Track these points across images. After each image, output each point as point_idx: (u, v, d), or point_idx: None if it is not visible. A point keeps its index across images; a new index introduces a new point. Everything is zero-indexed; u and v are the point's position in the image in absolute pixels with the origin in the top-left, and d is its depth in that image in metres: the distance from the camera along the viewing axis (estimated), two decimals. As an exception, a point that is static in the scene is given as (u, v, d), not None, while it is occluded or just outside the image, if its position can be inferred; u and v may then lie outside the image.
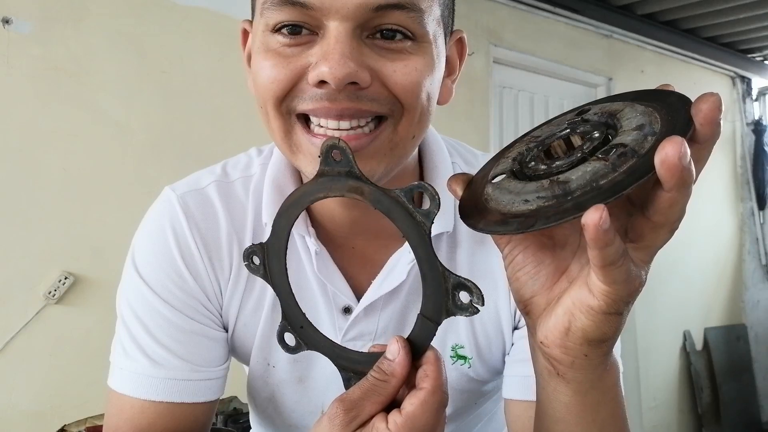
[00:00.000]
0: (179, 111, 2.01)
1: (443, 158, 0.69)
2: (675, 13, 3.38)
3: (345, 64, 0.50)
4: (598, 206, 0.33)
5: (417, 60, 0.54)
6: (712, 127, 0.34)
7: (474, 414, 0.76)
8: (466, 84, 2.78)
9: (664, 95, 0.39)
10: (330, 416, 0.43)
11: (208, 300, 0.67)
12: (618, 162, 0.35)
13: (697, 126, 0.34)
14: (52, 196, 1.81)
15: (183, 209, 0.66)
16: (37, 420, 1.75)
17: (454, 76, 0.66)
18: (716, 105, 0.34)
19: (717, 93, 0.35)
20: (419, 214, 0.40)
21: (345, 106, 0.52)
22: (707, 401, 3.76)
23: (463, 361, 0.69)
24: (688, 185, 0.34)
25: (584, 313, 0.39)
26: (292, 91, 0.54)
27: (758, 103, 4.32)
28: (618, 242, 0.35)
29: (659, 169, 0.33)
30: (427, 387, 0.42)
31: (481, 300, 0.39)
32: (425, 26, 0.54)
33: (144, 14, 1.97)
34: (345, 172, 0.42)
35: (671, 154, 0.32)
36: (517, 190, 0.39)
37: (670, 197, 0.35)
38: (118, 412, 0.65)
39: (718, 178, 4.08)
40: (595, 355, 0.42)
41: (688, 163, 0.33)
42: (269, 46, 0.55)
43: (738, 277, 4.17)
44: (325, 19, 0.51)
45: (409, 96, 0.54)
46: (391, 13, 0.52)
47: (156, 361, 0.64)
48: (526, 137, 0.46)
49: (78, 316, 1.83)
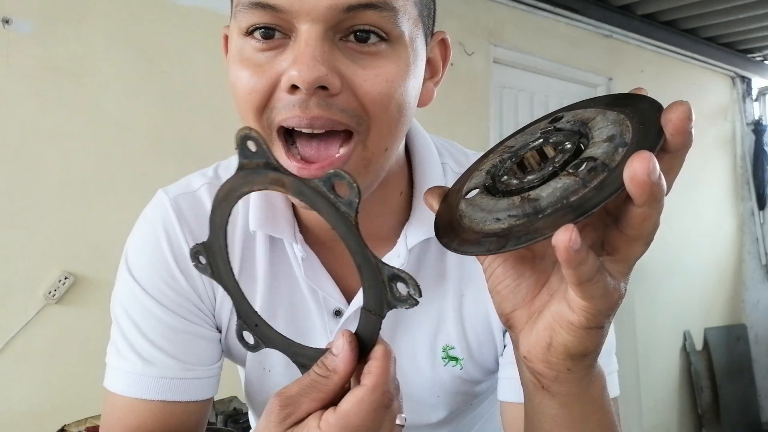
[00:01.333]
0: (179, 111, 2.01)
1: (432, 160, 0.68)
2: (675, 13, 3.38)
3: (315, 67, 0.49)
4: (567, 226, 0.32)
5: (390, 67, 0.53)
6: (683, 137, 0.34)
7: (470, 415, 0.76)
8: (466, 84, 2.78)
9: (636, 100, 0.38)
10: (266, 412, 0.42)
11: (200, 301, 0.67)
12: (588, 177, 0.35)
13: (668, 136, 0.34)
14: (52, 196, 1.81)
15: (175, 211, 0.67)
16: (36, 420, 1.75)
17: (437, 78, 0.64)
18: (686, 114, 0.33)
19: (686, 102, 0.34)
20: (342, 204, 0.38)
21: (315, 115, 0.51)
22: (707, 401, 3.76)
23: (454, 362, 0.68)
24: (658, 200, 0.33)
25: (564, 329, 0.38)
26: (270, 101, 0.53)
27: (758, 103, 4.32)
28: (592, 259, 0.34)
29: (628, 185, 0.32)
30: (366, 384, 0.39)
31: (417, 291, 0.37)
32: (400, 26, 0.53)
33: (144, 14, 1.97)
34: (263, 163, 0.40)
35: (639, 170, 0.31)
36: (489, 208, 0.38)
37: (641, 212, 0.34)
38: (110, 411, 0.66)
39: (718, 178, 4.08)
40: (579, 369, 0.41)
41: (658, 178, 0.32)
42: (244, 54, 0.54)
43: (738, 277, 4.17)
44: (296, 22, 0.50)
45: (378, 107, 0.53)
46: (363, 13, 0.50)
47: (147, 360, 0.64)
48: (500, 147, 0.45)
49: (78, 316, 1.83)
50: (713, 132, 4.07)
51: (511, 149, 0.43)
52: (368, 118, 0.53)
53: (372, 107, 0.53)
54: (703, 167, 3.96)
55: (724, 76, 4.15)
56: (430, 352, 0.68)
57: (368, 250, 0.38)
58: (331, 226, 0.39)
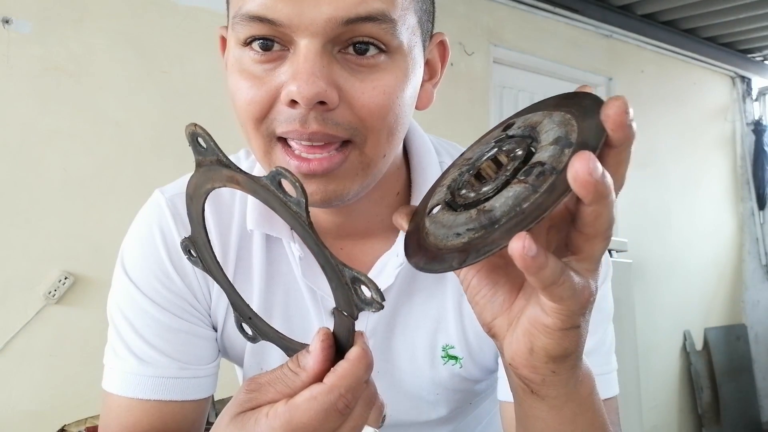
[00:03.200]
0: (179, 111, 2.01)
1: (431, 159, 0.68)
2: (675, 13, 3.38)
3: (314, 83, 0.49)
4: (519, 235, 0.33)
5: (388, 79, 0.53)
6: (624, 131, 0.34)
7: (472, 415, 0.76)
8: (466, 84, 2.78)
9: (581, 98, 0.39)
10: (237, 391, 0.42)
11: (196, 300, 0.67)
12: (537, 182, 0.35)
13: (609, 132, 0.34)
14: (52, 196, 1.81)
15: (171, 211, 0.67)
16: (37, 420, 1.75)
17: (436, 80, 0.64)
18: (623, 109, 0.34)
19: (622, 96, 0.34)
20: (292, 204, 0.37)
21: (314, 130, 0.51)
22: (707, 401, 3.76)
23: (454, 361, 0.68)
24: (606, 196, 0.33)
25: (542, 333, 0.39)
26: (270, 113, 0.54)
27: (758, 103, 4.32)
28: (552, 262, 0.34)
29: (574, 186, 0.32)
30: (325, 383, 0.38)
31: (379, 295, 0.36)
32: (399, 36, 0.53)
33: (144, 14, 1.97)
34: (215, 160, 0.40)
35: (581, 171, 0.32)
36: (450, 223, 0.39)
37: (592, 210, 0.34)
38: (108, 412, 0.66)
39: (718, 178, 4.08)
40: (563, 370, 0.41)
41: (601, 176, 0.32)
42: (243, 65, 0.54)
43: (738, 277, 4.17)
44: (295, 36, 0.51)
45: (375, 119, 0.53)
46: (362, 25, 0.50)
47: (143, 360, 0.64)
48: (459, 160, 0.45)
49: (78, 316, 1.83)
50: (713, 132, 4.07)
51: (469, 161, 0.43)
52: (365, 129, 0.54)
53: (369, 119, 0.53)
54: (703, 167, 3.96)
55: (724, 76, 4.15)
56: (430, 351, 0.68)
57: (327, 251, 0.38)
58: (290, 226, 0.39)
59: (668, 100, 3.73)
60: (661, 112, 3.67)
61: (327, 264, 0.38)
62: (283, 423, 0.38)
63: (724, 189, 4.12)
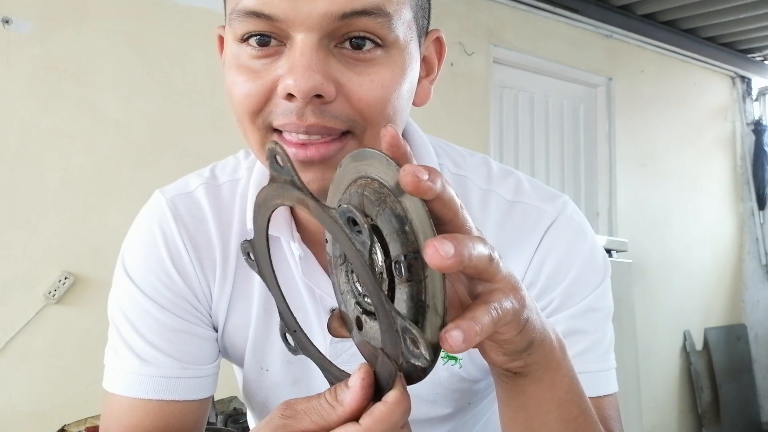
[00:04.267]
0: (179, 111, 2.01)
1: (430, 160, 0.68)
2: (675, 13, 3.38)
3: (310, 76, 0.50)
4: (443, 337, 0.34)
5: (384, 72, 0.54)
6: (429, 193, 0.34)
7: (471, 414, 0.76)
8: (466, 84, 2.78)
9: (370, 158, 0.39)
10: (271, 414, 0.42)
11: (197, 300, 0.67)
12: (414, 274, 0.36)
13: (417, 197, 0.35)
14: (52, 196, 1.81)
15: (172, 212, 0.67)
16: (37, 420, 1.75)
17: (433, 76, 0.65)
18: (414, 176, 0.34)
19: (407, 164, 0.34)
20: (357, 242, 0.36)
21: (311, 123, 0.52)
22: (707, 401, 3.76)
23: (453, 361, 0.69)
24: (470, 253, 0.34)
25: (505, 344, 0.41)
26: (266, 106, 0.54)
27: (758, 103, 4.32)
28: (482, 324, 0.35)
29: (441, 270, 0.33)
30: (360, 424, 0.38)
31: (430, 352, 0.35)
32: (394, 31, 0.53)
33: (144, 14, 1.97)
34: (289, 180, 0.40)
35: (437, 261, 0.32)
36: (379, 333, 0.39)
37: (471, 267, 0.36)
38: (109, 412, 0.66)
39: (718, 178, 4.08)
40: (537, 347, 0.43)
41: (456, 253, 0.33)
42: (240, 60, 0.55)
43: (738, 277, 4.17)
44: (292, 31, 0.51)
45: (373, 112, 0.54)
46: (357, 20, 0.51)
47: (145, 360, 0.64)
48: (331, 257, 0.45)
49: (78, 316, 1.83)
50: (713, 132, 4.07)
51: (340, 260, 0.43)
52: (363, 122, 0.54)
53: (367, 112, 0.54)
54: (703, 167, 3.96)
55: (724, 76, 4.15)
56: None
57: (383, 295, 0.37)
58: (349, 258, 0.39)
59: (668, 100, 3.73)
60: (661, 112, 3.67)
61: (380, 306, 0.38)
62: None
63: (724, 189, 4.12)
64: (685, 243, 3.76)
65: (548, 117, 3.23)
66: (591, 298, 0.65)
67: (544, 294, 0.65)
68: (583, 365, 0.64)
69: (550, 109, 3.23)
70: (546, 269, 0.65)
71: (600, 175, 3.40)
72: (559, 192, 0.71)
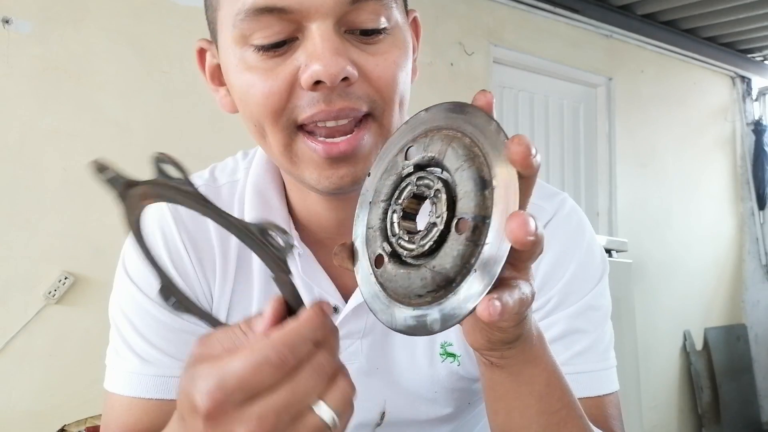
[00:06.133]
0: (179, 111, 2.01)
1: None
2: (675, 13, 3.38)
3: (338, 61, 0.51)
4: (483, 302, 0.35)
5: (394, 52, 0.56)
6: (532, 168, 0.35)
7: (471, 415, 0.77)
8: (466, 84, 2.78)
9: (471, 115, 0.40)
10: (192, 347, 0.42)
11: (197, 299, 0.67)
12: (474, 237, 0.37)
13: (519, 170, 0.36)
14: (52, 196, 1.81)
15: (172, 212, 0.67)
16: (37, 420, 1.75)
17: (416, 55, 0.67)
18: (528, 151, 0.35)
19: (524, 136, 0.35)
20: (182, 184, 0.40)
21: (340, 107, 0.53)
22: (707, 401, 3.76)
23: (452, 358, 0.69)
24: (540, 243, 0.36)
25: (497, 330, 0.41)
26: (289, 102, 0.54)
27: (758, 103, 4.32)
28: (511, 308, 0.36)
29: (514, 245, 0.34)
30: (265, 335, 0.38)
31: (281, 230, 0.39)
32: (396, 12, 0.56)
33: (144, 14, 1.97)
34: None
35: (520, 234, 0.33)
36: (405, 283, 0.40)
37: (527, 252, 0.36)
38: (109, 412, 0.66)
39: (718, 178, 4.08)
40: (518, 344, 0.44)
41: (536, 232, 0.34)
42: (249, 62, 0.54)
43: (738, 277, 4.17)
44: (305, 21, 0.52)
45: (390, 89, 0.56)
46: (366, 4, 0.53)
47: (145, 359, 0.64)
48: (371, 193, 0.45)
49: (78, 316, 1.83)
50: (713, 132, 4.07)
51: (385, 197, 0.43)
52: (382, 101, 0.56)
53: (386, 89, 0.56)
54: (703, 167, 3.96)
55: (724, 76, 4.15)
56: (429, 348, 0.69)
57: (231, 217, 0.39)
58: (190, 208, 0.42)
59: (668, 100, 3.73)
60: (661, 112, 3.67)
61: (240, 233, 0.40)
62: (219, 372, 0.36)
63: (724, 189, 4.12)
64: (685, 243, 3.76)
65: (548, 117, 3.23)
66: (590, 296, 0.65)
67: (542, 291, 0.65)
68: (583, 365, 0.64)
69: (550, 109, 3.23)
70: (543, 266, 0.65)
71: (600, 175, 3.40)
72: (558, 190, 0.71)
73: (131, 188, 0.41)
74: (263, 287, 0.67)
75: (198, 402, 0.36)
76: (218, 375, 0.36)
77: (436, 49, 2.69)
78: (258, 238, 0.40)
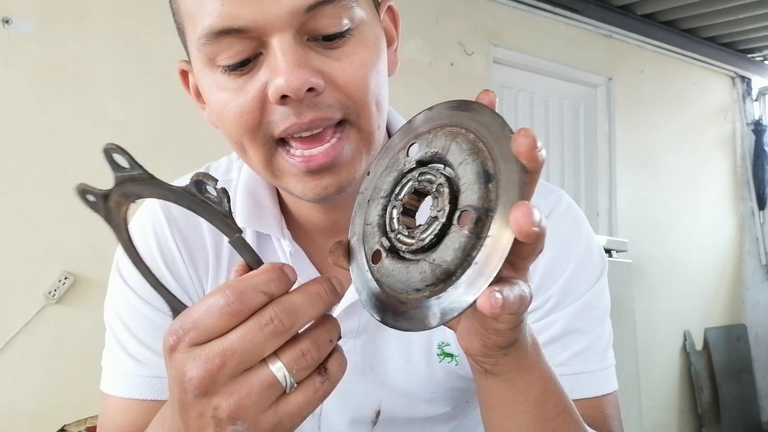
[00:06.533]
0: (179, 111, 2.01)
1: None
2: (675, 13, 3.38)
3: (299, 73, 0.50)
4: (485, 293, 0.35)
5: (361, 53, 0.54)
6: (538, 162, 0.36)
7: (471, 415, 0.76)
8: (466, 84, 2.78)
9: (476, 111, 0.40)
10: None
11: (190, 300, 0.67)
12: (477, 229, 0.37)
13: (525, 164, 0.36)
14: (52, 196, 1.81)
15: (165, 213, 0.68)
16: (37, 420, 1.75)
17: (395, 45, 0.65)
18: (533, 144, 0.35)
19: (530, 130, 0.36)
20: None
21: (311, 118, 0.52)
22: (707, 401, 3.76)
23: (450, 358, 0.69)
24: (544, 235, 0.36)
25: (493, 334, 0.41)
26: (263, 118, 0.54)
27: (758, 103, 4.32)
28: (512, 302, 0.37)
29: (518, 236, 0.34)
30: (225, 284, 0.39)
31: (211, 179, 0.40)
32: (357, 10, 0.54)
33: (144, 14, 1.97)
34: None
35: (525, 224, 0.33)
36: (404, 279, 0.39)
37: (529, 246, 0.36)
38: (105, 413, 0.66)
39: (718, 178, 4.08)
40: (513, 350, 0.44)
41: (540, 223, 0.34)
42: (219, 83, 0.54)
43: (738, 277, 4.17)
44: (264, 36, 0.51)
45: (361, 92, 0.55)
46: (323, 9, 0.51)
47: (139, 360, 0.65)
48: (372, 190, 0.45)
49: (78, 316, 1.83)
50: (713, 132, 4.07)
51: (385, 193, 0.43)
52: (355, 105, 0.55)
53: (356, 94, 0.54)
54: (703, 167, 3.96)
55: (724, 76, 4.15)
56: (426, 349, 0.68)
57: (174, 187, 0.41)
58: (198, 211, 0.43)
59: (668, 100, 3.72)
60: (661, 112, 3.67)
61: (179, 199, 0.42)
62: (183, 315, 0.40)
63: (724, 189, 4.12)
64: (685, 243, 3.76)
65: (548, 117, 3.23)
66: (589, 295, 0.65)
67: (540, 291, 0.64)
68: (582, 365, 0.64)
69: (550, 109, 3.23)
70: (541, 265, 0.64)
71: (600, 175, 3.40)
72: (556, 187, 0.71)
73: (108, 200, 0.42)
74: None
75: (165, 339, 0.40)
76: (181, 317, 0.39)
77: (436, 49, 2.69)
78: (199, 198, 0.41)
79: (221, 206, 0.41)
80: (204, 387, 0.38)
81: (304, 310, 0.39)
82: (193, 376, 0.38)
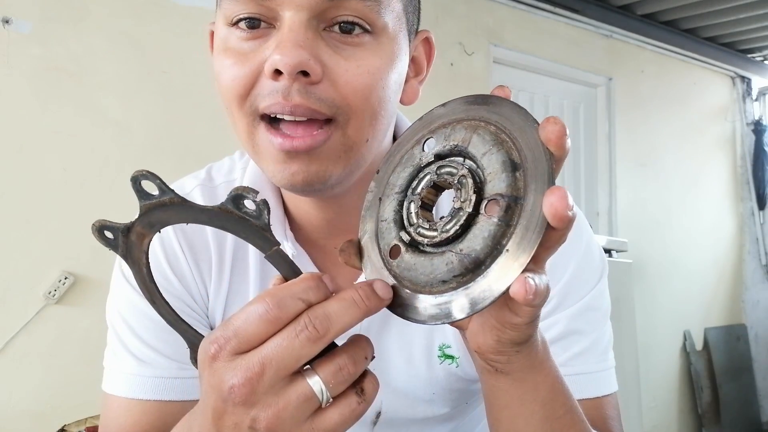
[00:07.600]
0: (179, 111, 2.01)
1: None
2: (675, 13, 3.38)
3: (297, 52, 0.50)
4: (519, 279, 0.35)
5: (372, 59, 0.54)
6: (565, 150, 0.36)
7: (470, 415, 0.76)
8: (466, 84, 2.78)
9: (495, 104, 0.40)
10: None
11: (193, 301, 0.67)
12: (506, 217, 0.36)
13: (553, 152, 0.36)
14: (52, 196, 1.81)
15: None
16: (37, 420, 1.75)
17: (422, 77, 0.65)
18: (563, 132, 0.36)
19: (559, 118, 0.37)
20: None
21: (296, 103, 0.52)
22: (707, 401, 3.76)
23: (450, 360, 0.69)
24: (573, 221, 0.36)
25: (509, 328, 0.40)
26: (253, 89, 0.54)
27: (758, 103, 4.32)
28: (543, 290, 0.37)
29: (551, 221, 0.34)
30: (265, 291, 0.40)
31: (252, 191, 0.39)
32: (383, 17, 0.53)
33: (144, 14, 1.97)
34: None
35: (560, 208, 0.34)
36: (428, 271, 0.39)
37: (558, 233, 0.36)
38: (107, 413, 0.66)
39: (718, 178, 4.08)
40: (525, 347, 0.43)
41: (573, 209, 0.34)
42: (228, 44, 0.55)
43: (738, 277, 4.17)
44: (281, 10, 0.51)
45: (358, 98, 0.54)
46: (347, 1, 0.51)
47: (143, 360, 0.65)
48: (385, 186, 0.44)
49: (78, 316, 1.83)
50: (713, 132, 4.07)
51: (400, 189, 0.43)
52: (348, 109, 0.54)
53: (352, 98, 0.53)
54: (703, 167, 3.96)
55: (724, 76, 4.15)
56: (427, 350, 0.68)
57: (210, 208, 0.40)
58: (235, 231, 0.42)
59: (668, 100, 3.72)
60: (661, 112, 3.67)
61: (217, 221, 0.40)
62: (224, 324, 0.40)
63: (724, 189, 4.12)
64: (685, 243, 3.76)
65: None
66: (589, 296, 0.65)
67: None
68: (582, 366, 0.64)
69: (550, 109, 3.23)
70: None
71: (600, 175, 3.40)
72: None
73: (129, 233, 0.41)
74: (258, 287, 0.67)
75: (205, 349, 0.40)
76: (223, 326, 0.39)
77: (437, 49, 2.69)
78: (236, 213, 0.40)
79: (260, 219, 0.40)
80: (244, 396, 0.38)
81: (338, 317, 0.39)
82: (234, 385, 0.38)
